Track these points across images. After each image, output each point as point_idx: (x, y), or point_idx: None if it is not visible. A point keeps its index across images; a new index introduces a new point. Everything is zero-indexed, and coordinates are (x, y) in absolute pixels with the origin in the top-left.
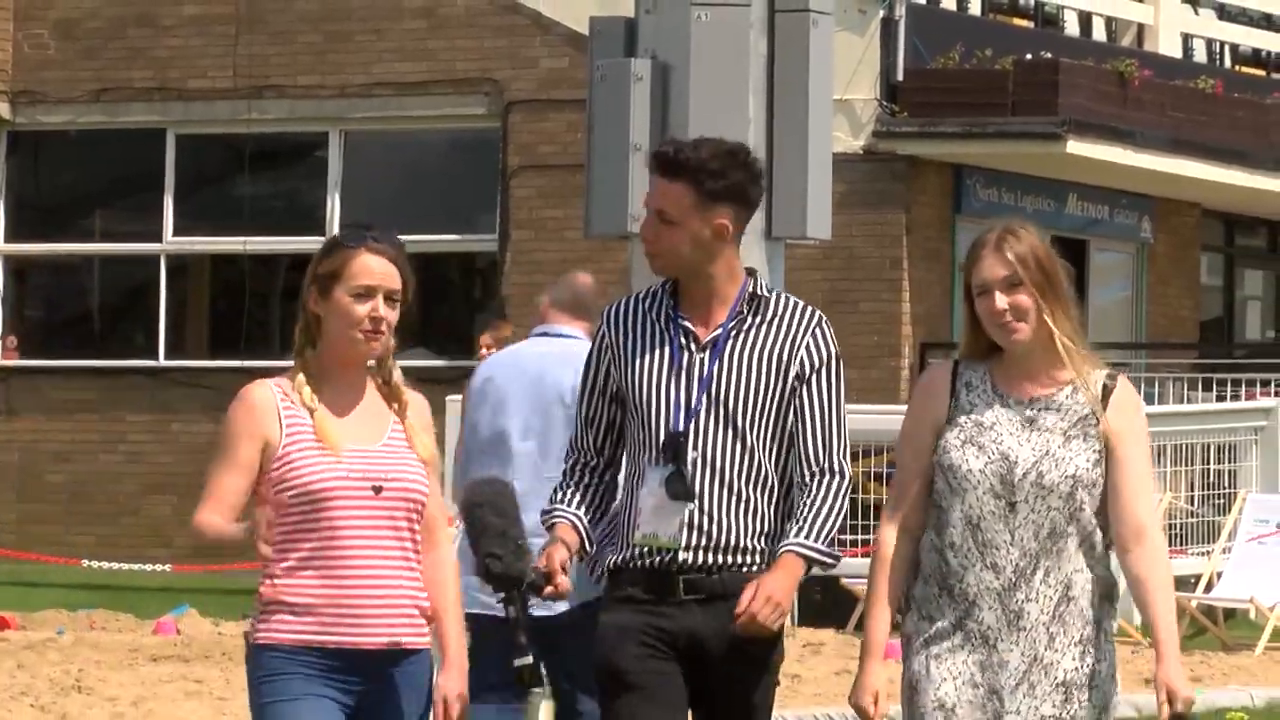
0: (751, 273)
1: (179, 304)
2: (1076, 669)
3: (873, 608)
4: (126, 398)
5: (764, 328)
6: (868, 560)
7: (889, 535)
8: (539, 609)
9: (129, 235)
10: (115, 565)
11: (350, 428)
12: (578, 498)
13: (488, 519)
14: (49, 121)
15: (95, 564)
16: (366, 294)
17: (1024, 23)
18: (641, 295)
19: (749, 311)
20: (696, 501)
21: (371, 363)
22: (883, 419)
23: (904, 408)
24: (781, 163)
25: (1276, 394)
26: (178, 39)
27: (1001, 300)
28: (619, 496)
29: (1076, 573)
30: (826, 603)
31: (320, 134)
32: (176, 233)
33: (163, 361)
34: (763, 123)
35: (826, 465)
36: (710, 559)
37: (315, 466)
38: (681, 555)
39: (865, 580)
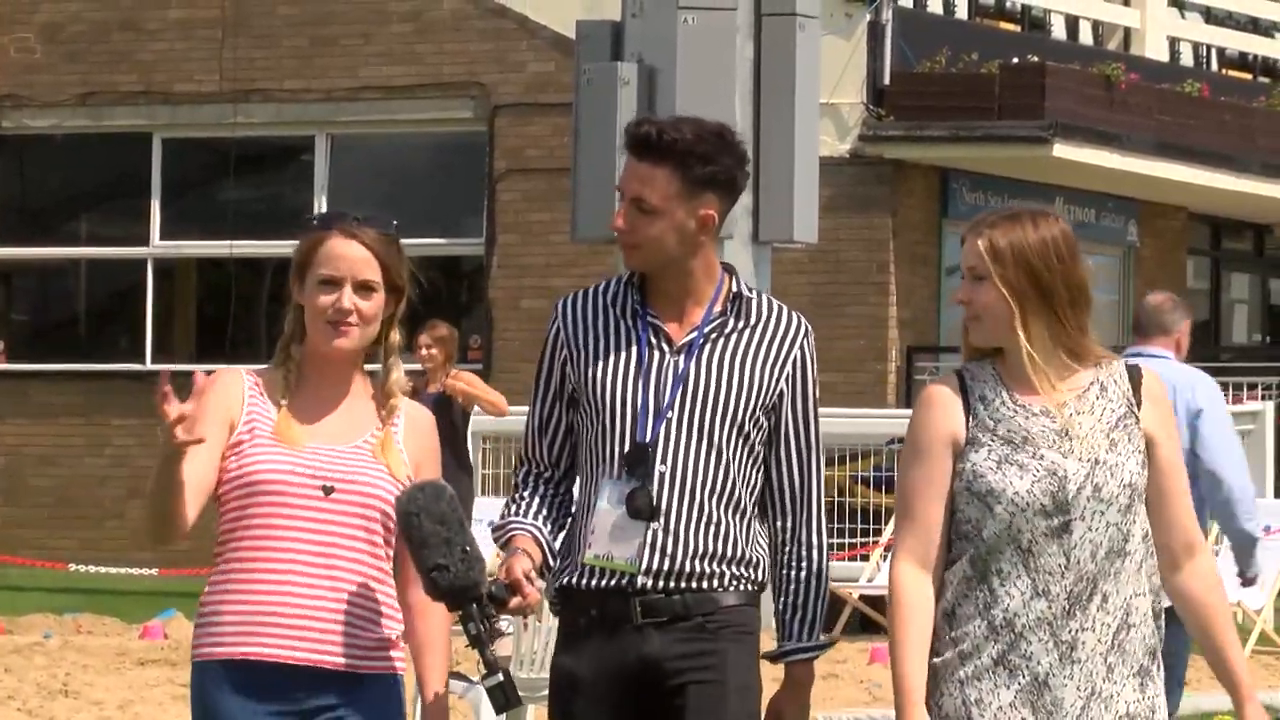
0: (729, 269)
1: (165, 308)
2: (1138, 700)
3: (903, 651)
4: (112, 402)
5: (747, 332)
6: (854, 564)
7: (908, 575)
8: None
9: (115, 239)
10: (101, 569)
11: (321, 426)
12: (534, 509)
13: (426, 527)
14: (35, 125)
15: (81, 568)
16: (332, 283)
17: (1010, 26)
18: (601, 288)
19: (730, 312)
20: (661, 520)
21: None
22: (869, 423)
23: (890, 411)
24: (768, 167)
25: (1263, 397)
26: (163, 43)
27: (962, 290)
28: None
29: (1136, 596)
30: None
31: (306, 138)
32: (163, 237)
33: (149, 365)
34: (749, 126)
35: (808, 508)
36: (673, 584)
37: (260, 457)
38: (640, 580)
39: (849, 583)
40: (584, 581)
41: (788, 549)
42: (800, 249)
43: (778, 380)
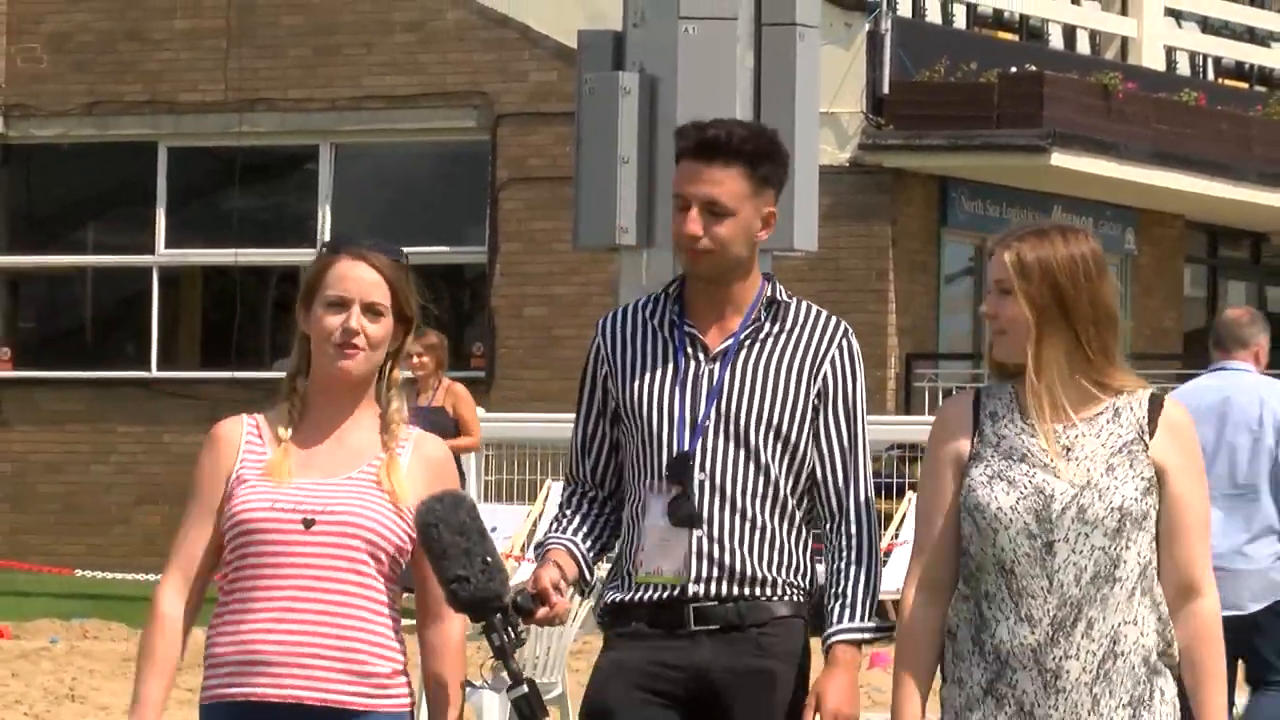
0: (769, 277)
1: (171, 315)
2: None
3: (899, 686)
4: (118, 408)
5: (783, 336)
6: None
7: (911, 599)
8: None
9: (121, 247)
10: (108, 575)
11: (316, 459)
12: (574, 525)
13: (445, 539)
14: (41, 135)
15: (88, 574)
16: (340, 304)
17: (1009, 36)
18: (642, 303)
19: (767, 318)
20: (705, 528)
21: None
22: (869, 429)
23: (890, 418)
24: None
25: None
26: (169, 53)
27: (989, 303)
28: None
29: (1126, 624)
30: (816, 612)
31: (311, 147)
32: (168, 245)
33: (154, 373)
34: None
35: (853, 505)
36: (724, 589)
37: (247, 498)
38: (691, 588)
39: None
40: (634, 597)
41: (833, 543)
42: (800, 257)
43: (815, 381)
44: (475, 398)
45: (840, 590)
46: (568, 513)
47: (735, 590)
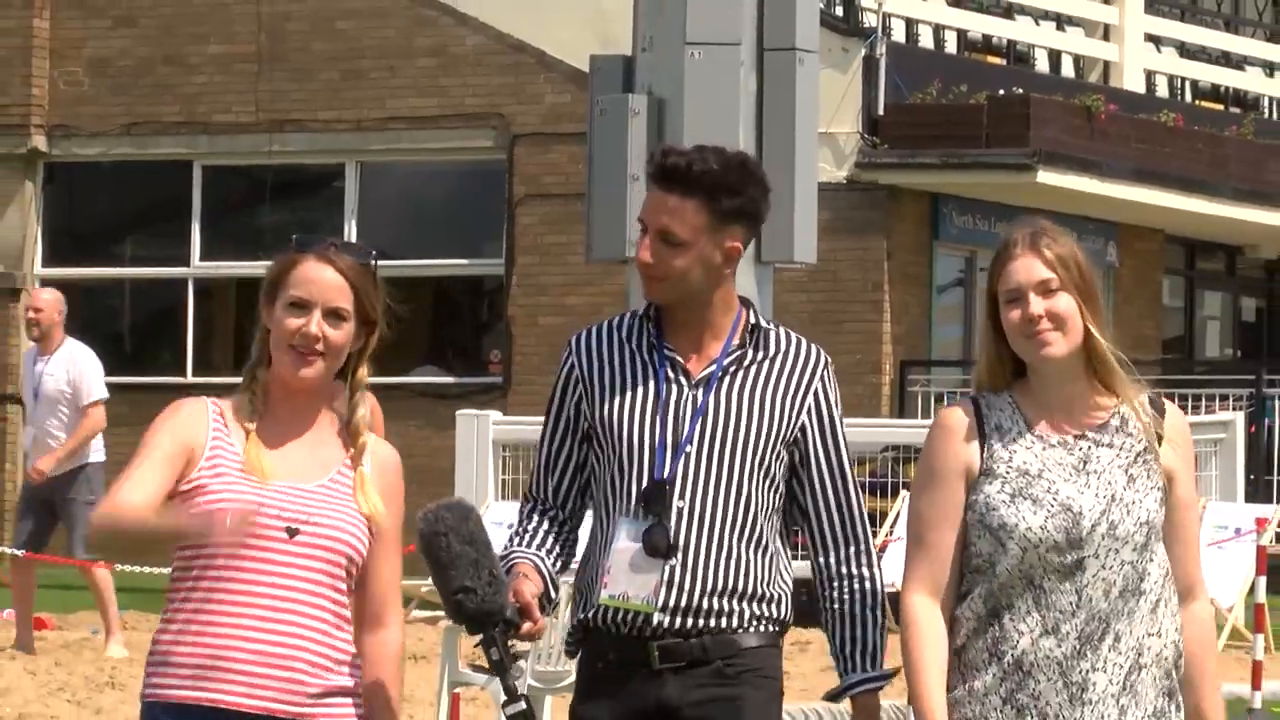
0: (746, 302)
1: (205, 324)
2: None
3: (921, 677)
4: (155, 412)
5: (766, 364)
6: None
7: (921, 604)
8: None
9: (158, 260)
10: (146, 569)
11: (286, 461)
12: (538, 541)
13: (455, 548)
14: (83, 154)
15: (128, 568)
16: (301, 305)
17: (997, 60)
18: (615, 322)
19: (749, 344)
20: (679, 556)
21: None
22: (865, 432)
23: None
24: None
25: (1234, 408)
26: (203, 76)
27: (1038, 305)
28: (580, 552)
29: (1150, 636)
30: (813, 603)
31: (337, 165)
32: (203, 258)
33: (189, 378)
34: (752, 154)
35: (857, 534)
36: (690, 622)
37: (226, 495)
38: (657, 618)
39: None
40: (601, 619)
41: (838, 583)
42: (800, 269)
43: (799, 413)
44: (493, 402)
45: (857, 635)
46: (529, 528)
47: (702, 623)
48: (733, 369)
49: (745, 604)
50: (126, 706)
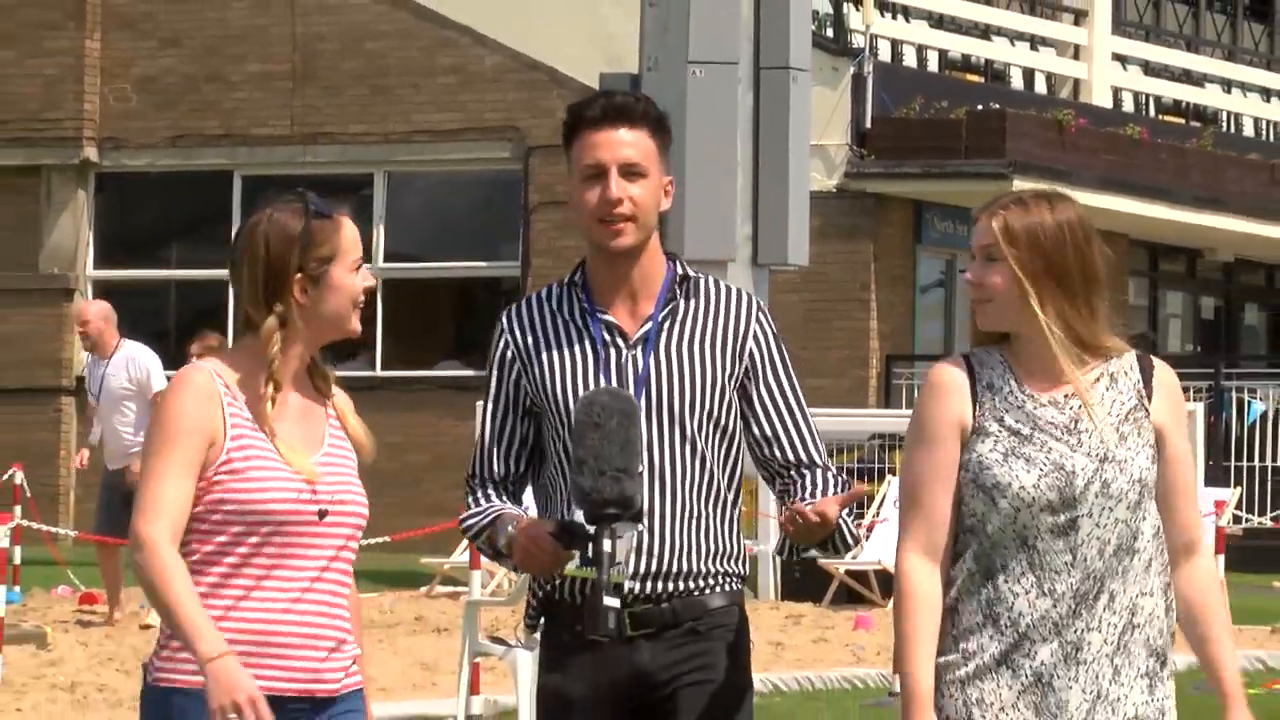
0: (673, 256)
1: (245, 323)
2: (1147, 703)
3: (911, 650)
4: None
5: (700, 315)
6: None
7: (916, 565)
8: None
9: (201, 263)
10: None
11: (295, 431)
12: (498, 503)
13: (632, 432)
14: (131, 164)
15: None
16: (359, 264)
17: (975, 78)
18: (545, 294)
19: (681, 295)
20: (645, 521)
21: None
22: (853, 421)
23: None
24: (766, 199)
25: (1194, 399)
26: (243, 93)
27: (972, 271)
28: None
29: (1143, 596)
30: (806, 580)
31: (366, 175)
32: (233, 274)
33: None
34: (749, 165)
35: (818, 455)
36: (660, 587)
37: (265, 484)
38: (628, 584)
39: (835, 559)
40: (565, 591)
41: (804, 477)
42: (794, 271)
43: (741, 359)
44: None
45: (817, 481)
46: (482, 495)
47: (672, 586)
48: (666, 324)
49: (711, 563)
50: None
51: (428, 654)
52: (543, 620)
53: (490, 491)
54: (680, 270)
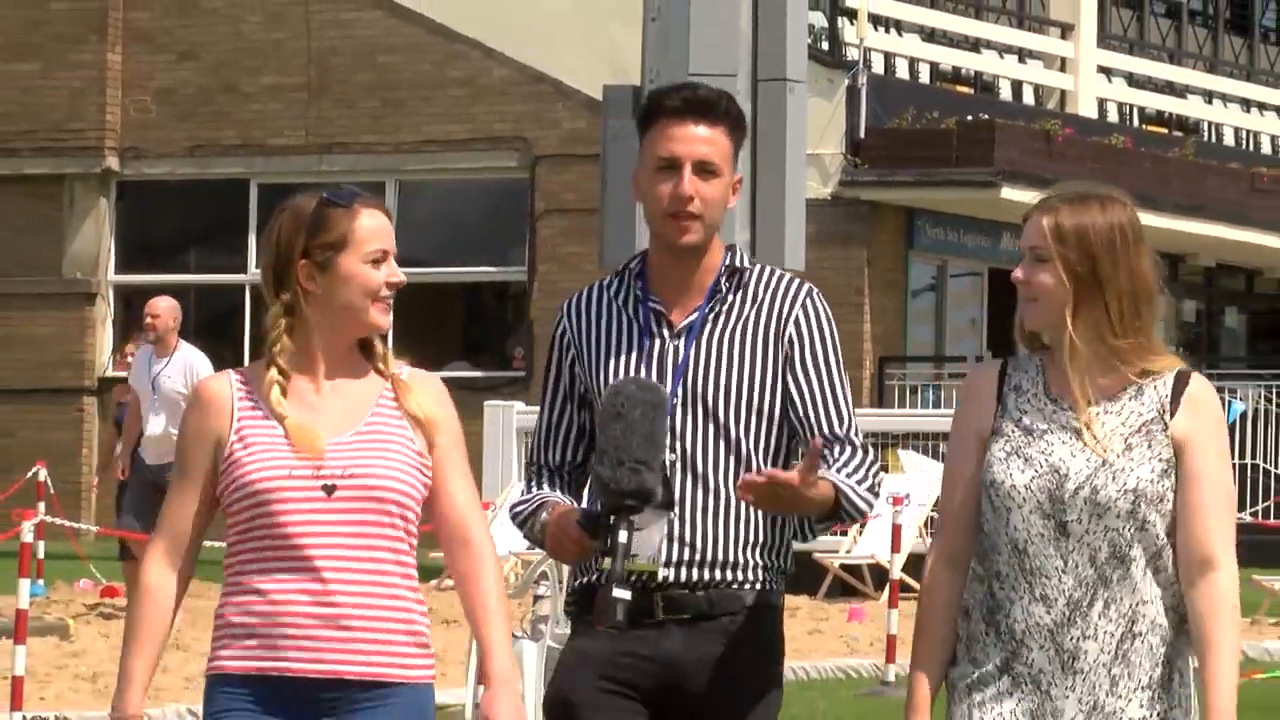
0: (731, 247)
1: (261, 326)
2: (1147, 716)
3: (918, 654)
4: None
5: (747, 305)
6: (835, 537)
7: (934, 570)
8: None
9: (219, 268)
10: (208, 543)
11: (324, 420)
12: (553, 491)
13: (657, 424)
14: (151, 173)
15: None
16: (382, 258)
17: (965, 90)
18: (606, 282)
19: (729, 289)
20: (677, 509)
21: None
22: None
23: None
24: (763, 206)
25: None
26: (259, 104)
27: (1022, 270)
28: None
29: (1143, 604)
30: (801, 573)
31: (379, 183)
32: (259, 266)
33: None
34: (747, 173)
35: (844, 437)
36: (695, 575)
37: (257, 463)
38: (662, 573)
39: (830, 554)
40: (603, 581)
41: (831, 447)
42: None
43: (782, 344)
44: (517, 394)
45: (830, 464)
46: (539, 484)
47: (707, 575)
48: (713, 315)
49: (747, 552)
50: (190, 665)
51: (437, 644)
52: (575, 607)
53: (545, 480)
54: (733, 261)
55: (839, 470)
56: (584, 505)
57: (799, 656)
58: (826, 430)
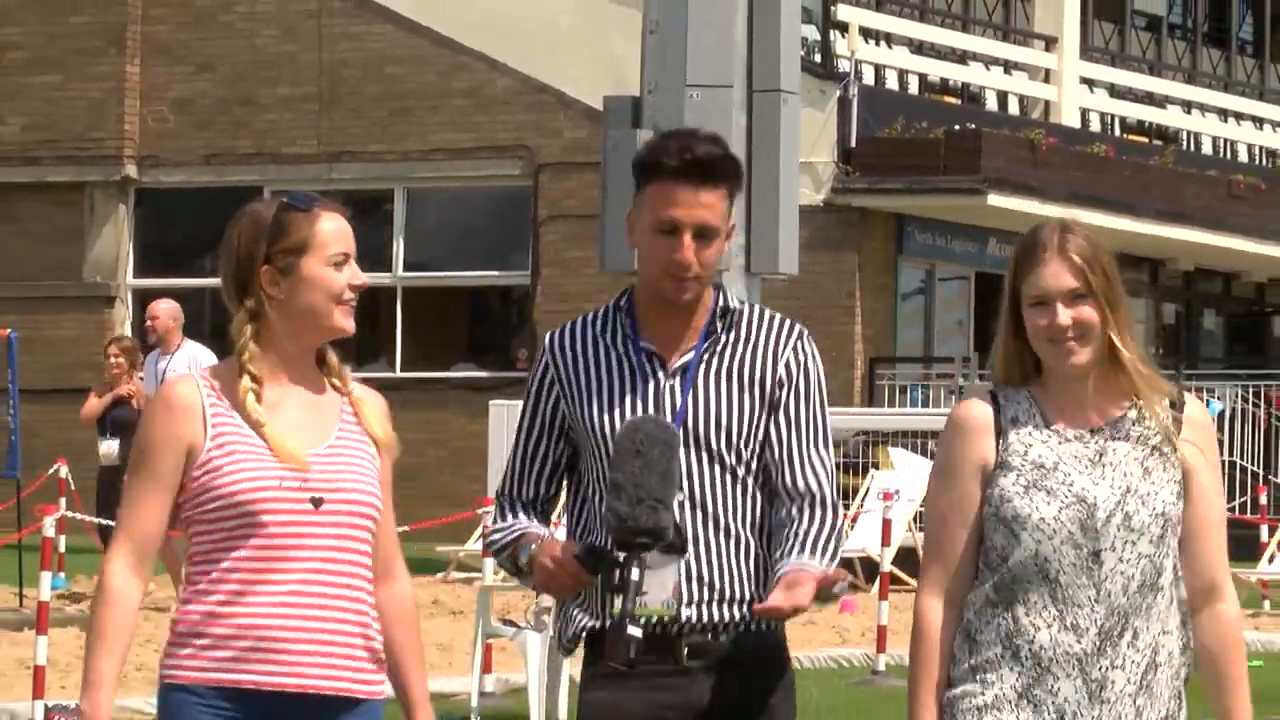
0: (719, 287)
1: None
2: None
3: (920, 689)
4: None
5: (740, 345)
6: None
7: (933, 607)
8: None
9: None
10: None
11: (292, 425)
12: (525, 521)
13: (672, 463)
14: (168, 181)
15: None
16: (344, 260)
17: (953, 100)
18: (590, 318)
19: (722, 329)
20: (691, 548)
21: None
22: (839, 419)
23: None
24: (758, 213)
25: None
26: (273, 114)
27: (1065, 315)
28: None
29: (1164, 635)
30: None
31: (387, 191)
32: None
33: None
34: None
35: (816, 494)
36: (715, 614)
37: (245, 472)
38: (684, 613)
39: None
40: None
41: (800, 508)
42: (784, 279)
43: (773, 385)
44: (519, 393)
45: (794, 537)
46: (511, 515)
47: (727, 614)
48: (707, 356)
49: (761, 590)
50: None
51: (444, 635)
52: (583, 648)
53: (519, 511)
54: (723, 302)
55: (799, 552)
56: (554, 537)
57: (793, 647)
58: (798, 485)
